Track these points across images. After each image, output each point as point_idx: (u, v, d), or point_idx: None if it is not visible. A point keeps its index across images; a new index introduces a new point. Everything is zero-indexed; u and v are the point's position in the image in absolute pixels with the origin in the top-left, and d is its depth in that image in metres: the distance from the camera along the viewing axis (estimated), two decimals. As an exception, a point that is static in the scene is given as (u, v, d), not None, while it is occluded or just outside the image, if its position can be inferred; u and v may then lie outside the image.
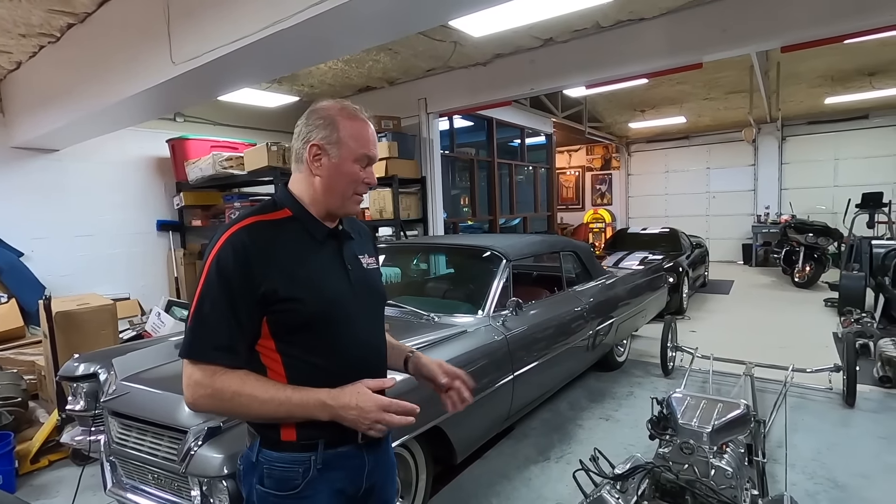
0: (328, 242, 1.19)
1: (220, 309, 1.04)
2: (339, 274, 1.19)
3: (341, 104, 1.18)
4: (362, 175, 1.18)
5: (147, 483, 1.96)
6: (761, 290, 8.18)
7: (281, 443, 1.12)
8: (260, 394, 1.04)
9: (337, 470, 1.16)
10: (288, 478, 1.12)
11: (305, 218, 1.17)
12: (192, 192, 5.65)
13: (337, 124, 1.14)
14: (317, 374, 1.12)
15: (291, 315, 1.09)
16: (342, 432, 1.13)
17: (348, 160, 1.15)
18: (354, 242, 1.27)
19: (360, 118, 1.18)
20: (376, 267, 1.33)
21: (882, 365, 3.99)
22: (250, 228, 1.11)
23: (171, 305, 4.71)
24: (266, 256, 1.08)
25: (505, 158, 8.34)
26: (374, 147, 1.19)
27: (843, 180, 10.11)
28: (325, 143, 1.14)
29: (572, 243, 4.25)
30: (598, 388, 4.10)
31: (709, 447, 1.59)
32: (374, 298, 1.27)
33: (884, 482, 2.61)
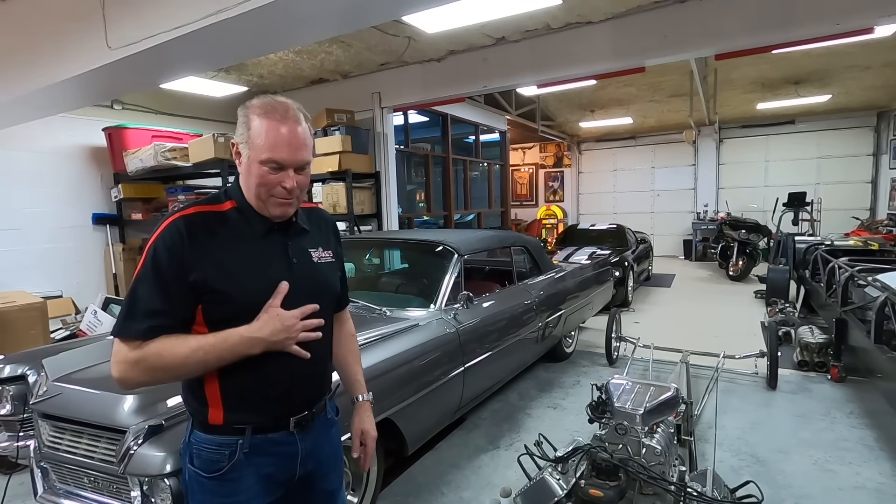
0: (271, 236, 1.18)
1: (151, 291, 1.06)
2: (278, 267, 1.16)
3: (266, 100, 1.12)
4: (274, 177, 1.10)
5: (83, 487, 1.87)
6: (700, 283, 8.69)
7: (209, 425, 1.15)
8: (181, 349, 1.05)
9: (266, 455, 1.17)
10: (214, 459, 1.14)
11: (247, 211, 1.16)
12: (132, 184, 5.37)
13: (249, 122, 1.11)
14: (249, 365, 1.12)
15: (222, 306, 1.10)
16: (272, 418, 1.17)
17: (255, 161, 1.10)
18: (308, 235, 1.25)
19: (274, 116, 1.09)
20: (332, 261, 1.30)
21: (800, 350, 4.36)
22: (189, 218, 1.11)
23: (109, 303, 4.48)
24: (200, 246, 1.08)
25: (460, 154, 8.42)
26: (283, 150, 1.09)
27: (773, 181, 10.87)
28: (239, 140, 1.13)
29: (523, 238, 4.37)
30: (546, 378, 4.25)
31: (641, 428, 1.71)
32: (319, 292, 1.24)
33: (798, 456, 2.87)
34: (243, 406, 1.15)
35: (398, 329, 2.61)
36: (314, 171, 5.65)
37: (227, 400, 1.14)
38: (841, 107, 9.58)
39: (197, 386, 1.16)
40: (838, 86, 8.28)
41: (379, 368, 2.24)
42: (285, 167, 1.11)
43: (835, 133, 10.36)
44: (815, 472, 2.69)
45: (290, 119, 1.10)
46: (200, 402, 1.16)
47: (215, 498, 1.16)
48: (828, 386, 3.89)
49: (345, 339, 1.45)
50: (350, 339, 1.48)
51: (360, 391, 1.44)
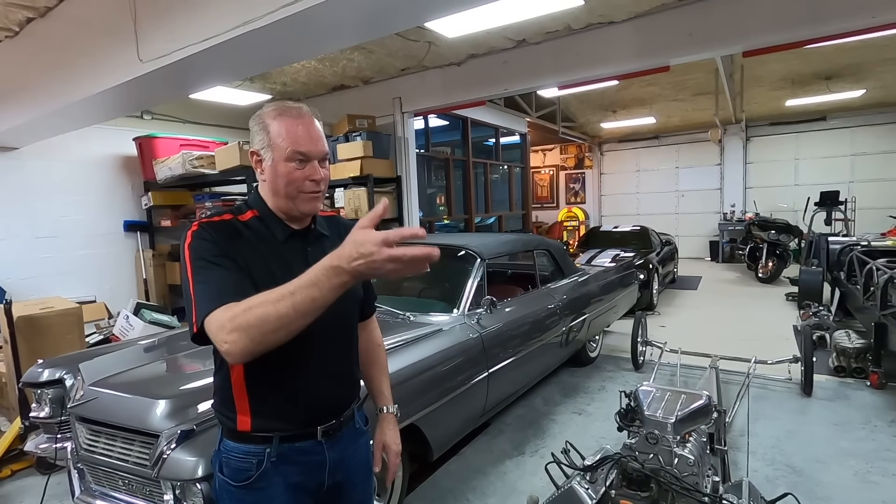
0: (292, 242, 1.19)
1: (211, 273, 1.04)
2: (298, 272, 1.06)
3: (275, 105, 1.17)
4: (301, 173, 1.14)
5: (117, 489, 1.92)
6: (727, 285, 8.48)
7: (238, 433, 1.17)
8: (268, 297, 0.94)
9: (293, 465, 1.17)
10: (242, 468, 1.16)
11: (269, 218, 1.19)
12: (161, 192, 5.52)
13: (267, 126, 1.14)
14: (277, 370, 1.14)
15: None
16: (299, 426, 1.18)
17: (280, 160, 1.13)
18: (328, 240, 1.24)
19: (289, 115, 1.15)
20: None
21: (836, 355, 4.21)
22: (214, 224, 1.15)
23: (141, 308, 4.60)
24: (230, 247, 1.12)
25: (480, 157, 8.40)
26: (306, 143, 1.13)
27: (803, 179, 10.54)
28: (259, 147, 1.15)
29: (545, 242, 4.33)
30: (571, 383, 4.19)
31: (673, 437, 1.67)
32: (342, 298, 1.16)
33: (836, 466, 2.76)
34: (270, 413, 1.16)
35: (422, 334, 2.61)
36: (336, 177, 5.75)
37: (255, 406, 1.15)
38: (875, 102, 9.24)
39: (226, 392, 1.18)
40: (873, 80, 7.98)
41: (403, 374, 2.24)
42: (310, 159, 1.14)
43: (869, 129, 9.99)
44: (857, 484, 2.58)
45: (305, 116, 1.16)
46: (229, 409, 1.18)
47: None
48: (867, 393, 3.74)
49: (371, 349, 1.45)
50: (376, 349, 1.46)
51: (384, 402, 1.42)
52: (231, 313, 0.96)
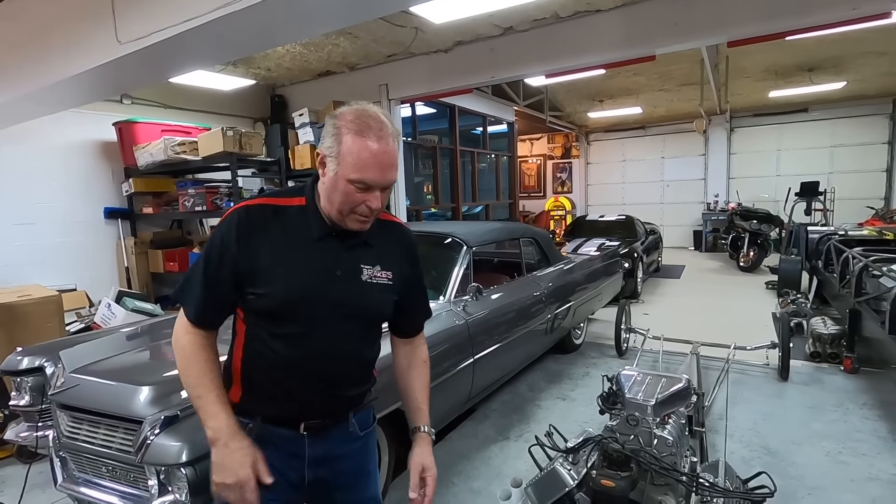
0: (327, 241, 1.16)
1: (200, 272, 1.14)
2: (322, 275, 1.15)
3: (359, 114, 1.08)
4: (360, 196, 1.09)
5: (101, 476, 1.91)
6: (710, 274, 8.63)
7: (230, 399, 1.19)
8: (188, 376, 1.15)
9: (273, 448, 1.17)
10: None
11: (312, 213, 1.17)
12: (143, 179, 5.41)
13: (341, 137, 1.07)
14: (267, 364, 1.16)
15: (255, 301, 1.14)
16: (281, 415, 1.18)
17: (343, 178, 1.08)
18: (368, 250, 1.20)
19: (368, 137, 1.06)
20: (386, 283, 1.22)
21: (813, 341, 4.33)
22: (253, 209, 1.15)
23: (122, 296, 4.53)
24: (252, 240, 1.13)
25: (467, 146, 8.38)
26: (374, 172, 1.07)
27: (785, 170, 10.72)
28: (327, 153, 1.09)
29: (531, 230, 4.36)
30: (555, 369, 4.25)
31: (652, 418, 1.71)
32: (354, 313, 1.20)
33: (809, 447, 2.85)
34: (257, 397, 1.19)
35: (408, 321, 2.62)
36: (322, 164, 5.71)
37: (245, 386, 1.20)
38: (855, 94, 9.41)
39: (228, 363, 1.23)
40: (853, 73, 8.12)
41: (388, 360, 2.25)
42: (373, 188, 1.10)
43: (849, 121, 10.18)
44: (828, 464, 2.68)
45: (383, 139, 1.07)
46: (228, 376, 1.22)
47: None
48: (840, 377, 3.86)
49: (415, 364, 1.39)
50: (421, 366, 1.40)
51: (421, 421, 1.34)
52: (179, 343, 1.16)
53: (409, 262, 1.30)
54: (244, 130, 4.70)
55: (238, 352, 1.20)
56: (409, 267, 1.30)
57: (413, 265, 1.32)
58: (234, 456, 1.08)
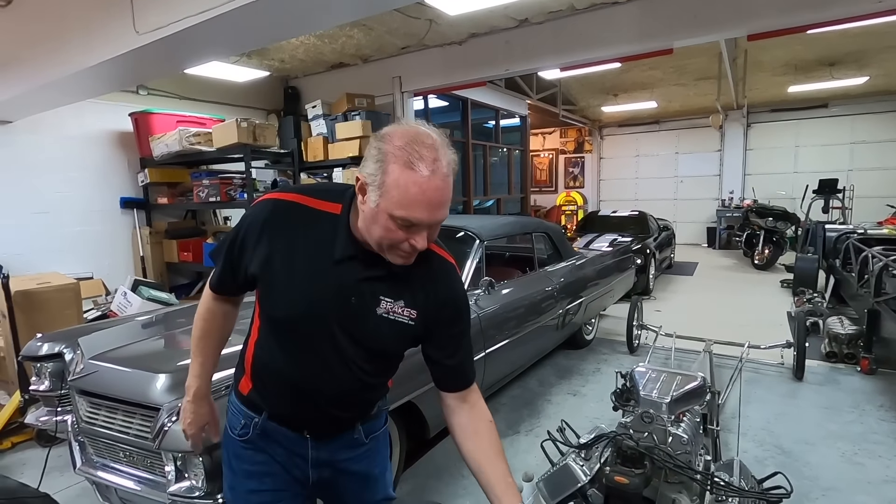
0: (346, 265, 1.04)
1: (226, 247, 1.14)
2: (334, 298, 1.05)
3: (410, 139, 0.92)
4: (403, 234, 0.96)
5: (118, 461, 1.95)
6: (723, 271, 8.53)
7: (239, 391, 1.22)
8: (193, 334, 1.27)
9: (278, 444, 1.18)
10: (232, 424, 1.23)
11: (342, 229, 1.04)
12: (158, 169, 5.47)
13: (386, 165, 0.92)
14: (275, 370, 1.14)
15: (262, 303, 1.14)
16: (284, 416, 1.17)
17: (384, 211, 0.94)
18: (398, 282, 1.06)
19: (418, 168, 0.90)
20: (407, 323, 1.08)
21: (829, 341, 4.26)
22: (282, 205, 1.09)
23: (138, 285, 4.59)
24: (272, 240, 1.07)
25: (479, 140, 8.34)
26: (422, 210, 0.92)
27: (803, 167, 10.53)
28: (369, 180, 0.95)
29: (544, 224, 4.33)
30: (566, 365, 4.24)
31: (667, 416, 1.70)
32: (361, 341, 1.08)
33: (823, 447, 2.82)
34: (265, 395, 1.18)
35: (420, 314, 2.62)
36: (334, 157, 5.69)
37: (254, 379, 1.19)
38: (878, 89, 9.18)
39: (243, 355, 1.23)
40: (876, 67, 7.92)
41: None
42: (422, 229, 0.97)
43: (870, 117, 9.95)
44: (843, 465, 2.64)
45: (437, 173, 0.92)
46: (241, 367, 1.23)
47: (235, 459, 1.22)
48: (857, 378, 3.80)
49: (479, 429, 1.15)
50: (487, 429, 1.16)
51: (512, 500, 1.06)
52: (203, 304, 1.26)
53: (449, 311, 1.13)
54: (258, 122, 4.72)
55: (251, 345, 1.19)
56: (449, 318, 1.13)
57: (455, 318, 1.14)
58: (186, 414, 1.31)
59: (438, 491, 2.51)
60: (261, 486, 1.19)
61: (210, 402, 1.33)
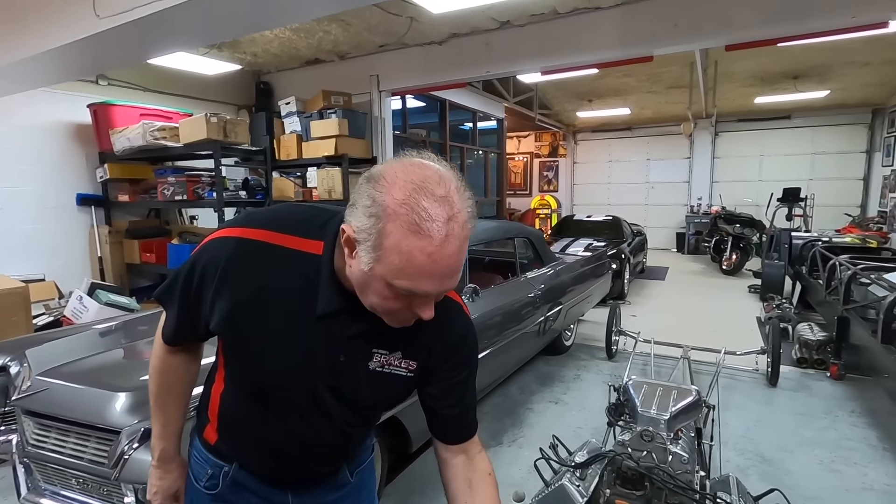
0: (330, 322, 0.86)
1: (178, 291, 0.93)
2: (317, 361, 0.88)
3: (416, 189, 0.70)
4: (402, 304, 0.78)
5: (70, 488, 1.76)
6: (693, 276, 8.71)
7: (204, 439, 1.06)
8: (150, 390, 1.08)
9: (252, 495, 1.02)
10: (197, 474, 1.07)
11: (326, 277, 0.84)
12: (119, 165, 5.15)
13: (385, 225, 0.71)
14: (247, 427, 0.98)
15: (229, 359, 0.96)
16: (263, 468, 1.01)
17: (380, 279, 0.75)
18: (395, 332, 0.86)
19: (429, 234, 0.69)
20: (405, 375, 0.92)
21: (799, 347, 4.36)
22: (247, 245, 0.86)
23: (96, 288, 4.30)
24: (233, 293, 0.86)
25: (457, 141, 8.27)
26: (430, 282, 0.74)
27: (767, 175, 10.89)
28: (360, 237, 0.74)
29: (526, 229, 4.28)
30: (546, 371, 4.19)
31: (667, 434, 1.64)
32: (351, 402, 0.93)
33: (803, 455, 2.85)
34: (231, 445, 1.02)
35: (403, 322, 2.51)
36: (309, 156, 5.51)
37: (220, 429, 1.02)
38: (837, 103, 9.58)
39: (204, 401, 1.06)
40: (836, 81, 8.26)
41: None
42: (429, 299, 0.79)
43: (830, 129, 10.38)
44: (822, 473, 2.67)
45: (453, 240, 0.71)
46: (204, 415, 1.06)
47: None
48: (827, 384, 3.89)
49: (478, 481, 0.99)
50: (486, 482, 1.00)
51: None
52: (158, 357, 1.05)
53: (455, 358, 0.96)
54: (229, 117, 4.51)
55: (216, 395, 1.01)
56: (454, 365, 0.96)
57: (461, 365, 0.97)
58: (152, 481, 1.13)
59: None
60: None
61: (181, 464, 1.13)
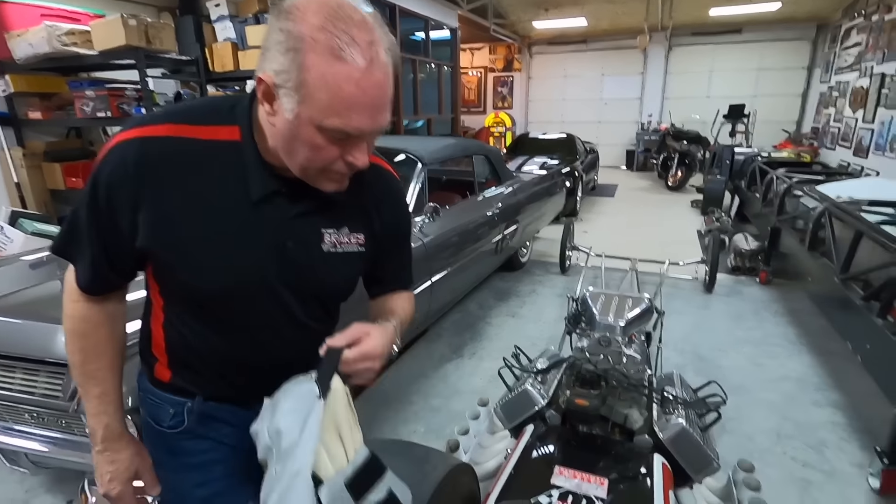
0: (269, 205, 0.80)
1: (82, 235, 0.80)
2: (265, 252, 0.81)
3: (332, 13, 0.66)
4: (336, 152, 0.73)
5: (24, 422, 1.69)
6: (640, 193, 9.02)
7: (155, 379, 0.94)
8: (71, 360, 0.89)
9: (223, 424, 0.94)
10: (156, 416, 0.95)
11: (251, 157, 0.78)
12: (23, 76, 4.49)
13: (304, 56, 0.65)
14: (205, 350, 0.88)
15: (171, 279, 0.84)
16: (225, 395, 0.93)
17: (308, 123, 0.69)
18: (335, 207, 0.85)
19: (352, 57, 0.65)
20: (357, 250, 0.89)
21: (734, 256, 4.70)
22: (154, 144, 0.75)
23: (18, 217, 3.92)
24: (153, 199, 0.76)
25: (408, 52, 7.77)
26: (363, 114, 0.69)
27: (715, 92, 11.07)
28: (279, 80, 0.68)
29: (485, 147, 4.20)
30: (503, 287, 4.33)
31: (622, 338, 1.75)
32: (313, 291, 0.89)
33: (733, 352, 3.16)
34: (189, 378, 0.92)
35: (363, 244, 2.46)
36: (247, 67, 5.04)
37: (172, 365, 0.92)
38: (787, 17, 9.63)
39: (146, 337, 0.94)
40: (789, -7, 8.24)
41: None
42: (362, 139, 0.74)
43: (777, 45, 10.51)
44: (749, 367, 2.99)
45: (378, 65, 0.68)
46: (148, 353, 0.94)
47: (169, 454, 0.95)
48: (757, 289, 4.26)
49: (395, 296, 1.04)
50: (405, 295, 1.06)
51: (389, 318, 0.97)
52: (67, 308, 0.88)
53: (397, 223, 0.97)
54: (150, 20, 3.96)
55: (157, 328, 0.90)
56: (397, 232, 0.98)
57: (403, 228, 1.01)
58: (102, 470, 0.92)
59: (388, 419, 2.52)
60: (208, 476, 0.95)
61: (131, 440, 0.95)
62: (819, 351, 3.14)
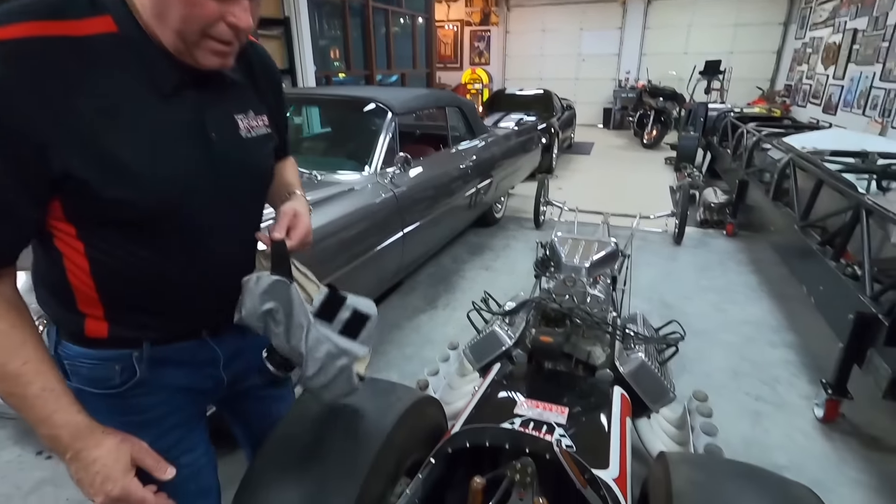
0: (181, 97, 0.73)
1: None
2: (196, 149, 0.75)
3: None
4: (215, 8, 0.66)
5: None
6: (616, 150, 9.05)
7: (86, 339, 0.80)
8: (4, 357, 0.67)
9: (176, 366, 0.87)
10: (101, 378, 0.82)
11: (141, 43, 0.68)
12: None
13: None
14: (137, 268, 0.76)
15: (92, 203, 0.68)
16: (174, 331, 0.85)
17: None
18: (236, 90, 0.82)
19: None
20: (265, 132, 0.87)
21: (703, 210, 4.80)
22: (16, 46, 0.60)
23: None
24: (43, 98, 0.62)
25: (381, 2, 7.44)
26: None
27: (692, 48, 10.98)
28: None
29: (458, 99, 4.11)
30: (477, 242, 4.36)
31: (587, 279, 1.79)
32: (242, 184, 0.84)
33: (699, 300, 3.28)
34: (134, 321, 0.81)
35: (332, 194, 2.42)
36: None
37: (113, 312, 0.79)
38: (766, -31, 9.50)
39: (61, 288, 0.77)
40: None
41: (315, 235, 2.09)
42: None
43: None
44: (712, 312, 3.11)
45: None
46: (69, 310, 0.79)
47: (115, 416, 0.81)
48: (723, 240, 4.38)
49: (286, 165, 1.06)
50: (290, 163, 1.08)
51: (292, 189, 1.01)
52: None
53: (275, 96, 0.94)
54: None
55: (81, 277, 0.75)
56: (277, 102, 0.96)
57: (279, 97, 0.97)
58: (90, 471, 0.71)
59: (362, 367, 2.55)
60: (161, 429, 0.88)
61: (105, 428, 0.75)
62: (778, 296, 3.28)
